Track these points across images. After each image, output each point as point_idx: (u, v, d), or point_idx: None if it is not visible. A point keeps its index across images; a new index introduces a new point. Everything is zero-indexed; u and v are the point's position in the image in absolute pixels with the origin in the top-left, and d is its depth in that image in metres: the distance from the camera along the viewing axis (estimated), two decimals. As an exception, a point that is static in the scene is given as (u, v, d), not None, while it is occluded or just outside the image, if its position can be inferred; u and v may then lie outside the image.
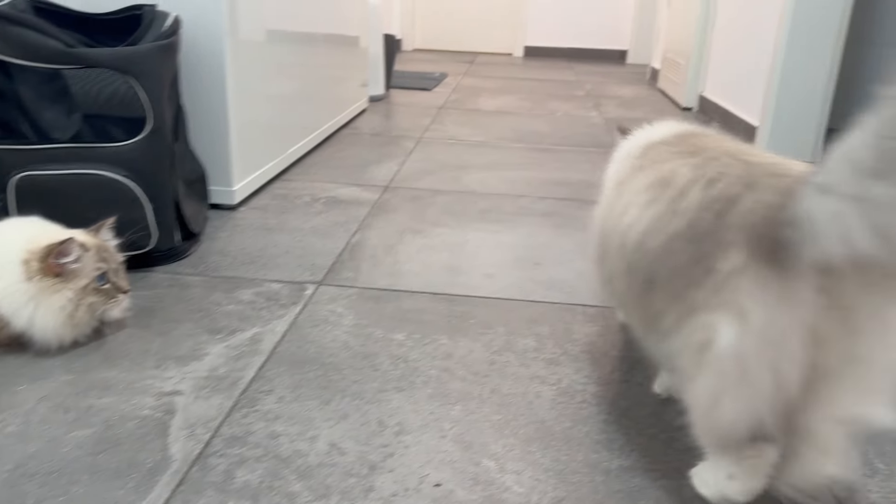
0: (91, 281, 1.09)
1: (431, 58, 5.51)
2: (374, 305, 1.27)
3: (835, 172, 0.63)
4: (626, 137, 1.03)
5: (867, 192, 0.59)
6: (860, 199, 0.59)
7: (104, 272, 1.11)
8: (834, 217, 0.61)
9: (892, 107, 0.59)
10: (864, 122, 0.62)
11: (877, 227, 0.59)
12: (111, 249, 1.16)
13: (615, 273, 0.86)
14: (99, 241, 1.15)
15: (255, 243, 1.54)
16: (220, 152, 1.69)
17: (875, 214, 0.59)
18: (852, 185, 0.60)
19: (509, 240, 1.63)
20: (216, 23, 1.58)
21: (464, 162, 2.33)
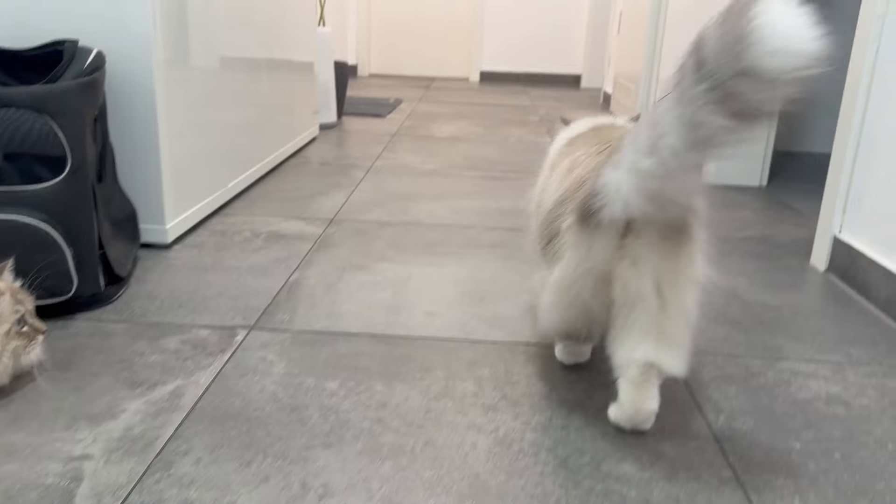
0: (12, 325, 1.04)
1: (387, 83, 5.49)
2: (308, 350, 1.21)
3: (622, 152, 0.84)
4: (566, 127, 1.25)
5: (638, 165, 0.81)
6: (634, 170, 0.82)
7: (22, 315, 1.06)
8: (617, 186, 0.84)
9: (659, 106, 0.80)
10: (644, 115, 0.85)
11: (645, 192, 0.82)
12: (23, 291, 1.11)
13: (538, 231, 1.12)
14: (10, 283, 1.08)
15: (186, 285, 1.47)
16: (151, 189, 1.62)
17: (643, 182, 0.81)
18: (630, 160, 0.82)
19: (455, 274, 1.59)
20: (144, 55, 1.53)
21: (413, 191, 2.29)
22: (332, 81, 3.40)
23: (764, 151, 2.52)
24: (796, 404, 1.11)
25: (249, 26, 2.13)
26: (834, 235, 1.69)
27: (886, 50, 1.55)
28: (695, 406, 1.09)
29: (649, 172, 0.81)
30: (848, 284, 1.62)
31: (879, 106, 1.56)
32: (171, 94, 1.63)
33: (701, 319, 1.39)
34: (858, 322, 1.43)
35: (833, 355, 1.28)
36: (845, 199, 1.68)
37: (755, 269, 1.70)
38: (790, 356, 1.27)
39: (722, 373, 1.20)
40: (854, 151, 1.64)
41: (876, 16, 1.56)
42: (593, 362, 1.21)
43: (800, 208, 2.27)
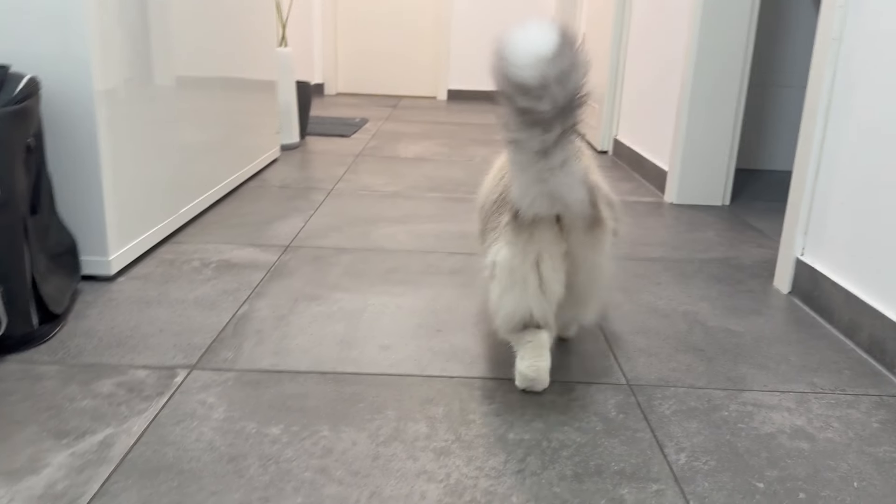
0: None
1: (354, 102, 5.44)
2: (251, 392, 1.15)
3: (512, 169, 1.05)
4: None
5: (516, 168, 1.03)
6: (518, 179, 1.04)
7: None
8: (516, 191, 1.06)
9: None
10: None
11: (537, 191, 1.03)
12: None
13: (480, 223, 1.30)
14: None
15: (128, 321, 1.40)
16: (92, 219, 1.54)
17: (530, 184, 1.02)
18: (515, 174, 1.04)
19: (412, 304, 1.54)
20: (82, 79, 1.46)
21: (374, 215, 2.24)
22: (293, 101, 3.34)
23: (726, 170, 2.52)
24: (759, 440, 1.07)
25: (204, 46, 2.07)
26: (796, 258, 1.68)
27: (843, 74, 1.54)
28: (656, 443, 1.05)
29: (521, 182, 1.04)
30: (811, 308, 1.60)
31: (838, 128, 1.55)
32: (116, 119, 1.56)
33: (663, 347, 1.36)
34: (822, 348, 1.41)
35: (797, 385, 1.25)
36: (807, 221, 1.66)
37: (718, 292, 1.68)
38: (753, 386, 1.24)
39: (684, 406, 1.16)
40: (814, 173, 1.63)
41: (831, 39, 1.55)
42: (551, 400, 1.16)
43: (763, 228, 2.26)
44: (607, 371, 1.27)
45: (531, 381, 1.17)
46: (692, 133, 2.47)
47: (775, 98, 3.17)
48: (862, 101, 1.47)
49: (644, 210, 2.44)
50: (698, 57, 2.40)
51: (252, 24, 2.57)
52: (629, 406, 1.15)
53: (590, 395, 1.18)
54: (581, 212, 1.07)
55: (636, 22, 3.16)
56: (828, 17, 1.57)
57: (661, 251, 1.98)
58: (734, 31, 2.38)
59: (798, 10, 3.06)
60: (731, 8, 2.36)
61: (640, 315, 1.53)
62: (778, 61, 3.13)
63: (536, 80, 0.92)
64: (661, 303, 1.60)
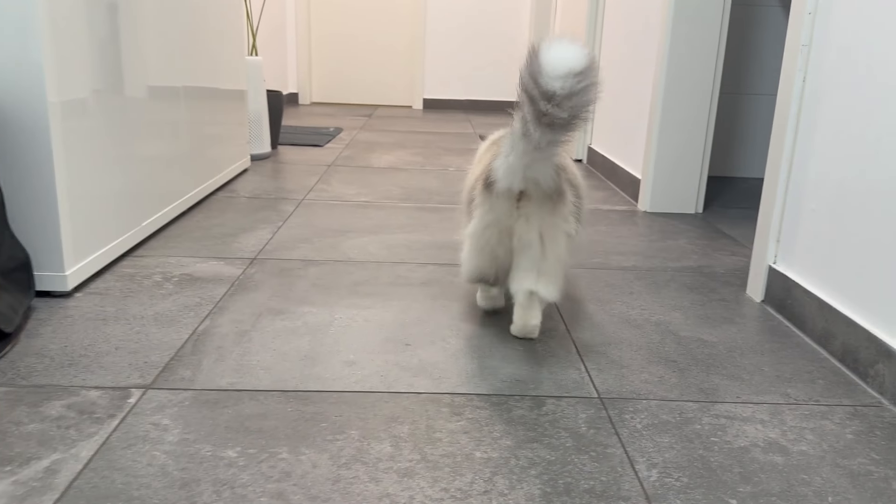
0: None
1: (329, 112, 5.40)
2: (208, 413, 1.10)
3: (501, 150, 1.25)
4: (483, 140, 1.63)
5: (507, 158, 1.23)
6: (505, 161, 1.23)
7: None
8: (498, 169, 1.25)
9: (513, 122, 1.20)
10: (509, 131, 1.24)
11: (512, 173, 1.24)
12: None
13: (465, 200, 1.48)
14: None
15: (82, 338, 1.34)
16: (47, 233, 1.49)
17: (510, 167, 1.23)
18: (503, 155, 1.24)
19: (380, 317, 1.50)
20: (34, 86, 1.41)
21: (345, 226, 2.20)
22: (264, 111, 3.29)
23: (699, 178, 2.52)
24: (732, 454, 1.05)
25: (170, 56, 2.02)
26: (769, 266, 1.66)
27: (813, 80, 1.53)
28: (627, 460, 1.02)
29: (511, 162, 1.22)
30: (784, 316, 1.59)
31: (808, 135, 1.55)
32: (73, 130, 1.51)
33: (635, 358, 1.33)
34: (795, 357, 1.39)
35: (770, 396, 1.23)
36: (779, 229, 1.65)
37: (690, 302, 1.66)
38: (726, 398, 1.22)
39: (656, 420, 1.13)
40: (786, 181, 1.62)
41: (801, 45, 1.55)
42: (520, 415, 1.13)
43: (735, 236, 2.25)
44: (578, 384, 1.24)
45: (489, 304, 1.51)
46: (664, 141, 2.47)
47: (747, 106, 3.19)
48: (832, 108, 1.46)
49: (617, 218, 2.42)
50: (669, 65, 2.40)
51: (221, 32, 2.53)
52: (600, 420, 1.12)
53: (560, 409, 1.15)
54: (548, 188, 1.28)
55: (608, 31, 3.16)
56: (797, 23, 1.56)
57: (633, 260, 1.96)
58: (705, 40, 2.38)
59: (769, 18, 3.08)
60: (701, 16, 2.36)
61: (613, 326, 1.50)
62: (749, 69, 3.14)
63: (564, 91, 1.11)
64: (634, 313, 1.58)
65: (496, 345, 1.38)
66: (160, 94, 2.00)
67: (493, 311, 1.53)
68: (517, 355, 1.34)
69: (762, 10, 3.06)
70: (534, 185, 1.26)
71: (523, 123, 1.17)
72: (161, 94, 2.00)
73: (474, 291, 1.66)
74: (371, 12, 5.78)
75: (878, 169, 1.30)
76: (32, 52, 1.39)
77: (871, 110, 1.33)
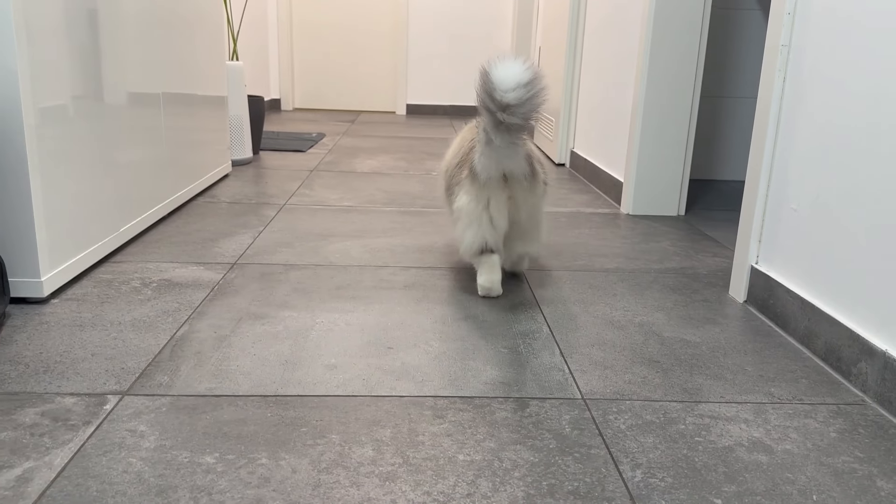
0: None
1: (312, 117, 5.38)
2: (186, 419, 1.08)
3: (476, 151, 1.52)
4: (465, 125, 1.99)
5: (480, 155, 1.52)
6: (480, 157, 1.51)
7: None
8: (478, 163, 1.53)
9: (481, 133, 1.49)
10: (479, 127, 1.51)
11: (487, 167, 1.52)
12: None
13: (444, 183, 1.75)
14: None
15: (58, 345, 1.31)
16: (22, 238, 1.46)
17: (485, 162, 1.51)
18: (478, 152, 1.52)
19: (362, 320, 1.48)
20: (9, 92, 1.38)
21: (327, 230, 2.18)
22: (245, 116, 3.27)
23: (681, 181, 2.52)
24: (717, 453, 1.04)
25: (149, 61, 2.00)
26: (751, 266, 1.67)
27: (793, 80, 1.54)
28: (611, 460, 1.01)
29: (485, 162, 1.51)
30: (766, 316, 1.59)
31: (790, 134, 1.55)
32: (48, 135, 1.48)
33: (618, 359, 1.33)
34: (779, 357, 1.39)
35: (754, 395, 1.23)
36: (760, 229, 1.66)
37: (673, 302, 1.66)
38: (710, 398, 1.21)
39: (639, 420, 1.13)
40: (767, 180, 1.63)
41: (780, 46, 1.55)
42: (503, 417, 1.12)
43: (717, 237, 2.26)
44: (562, 386, 1.23)
45: (487, 290, 1.64)
46: (646, 144, 2.47)
47: (727, 109, 3.21)
48: (812, 108, 1.47)
49: (600, 221, 2.43)
50: (650, 69, 2.40)
51: (201, 37, 2.51)
52: (584, 421, 1.11)
53: (544, 411, 1.14)
54: (521, 174, 1.55)
55: (590, 35, 3.17)
56: (776, 23, 1.57)
57: (616, 262, 1.96)
58: (685, 43, 2.39)
59: (748, 22, 3.11)
60: (681, 20, 2.37)
61: (596, 327, 1.50)
62: (729, 72, 3.17)
63: (515, 101, 1.39)
64: (617, 314, 1.58)
65: (479, 348, 1.37)
66: (139, 99, 1.97)
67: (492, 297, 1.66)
68: (500, 358, 1.33)
69: (742, 13, 3.09)
70: (510, 172, 1.54)
71: (486, 133, 1.46)
72: (140, 100, 1.98)
73: (457, 295, 1.65)
74: (354, 18, 5.77)
75: (858, 168, 1.31)
76: (6, 58, 1.36)
77: (850, 110, 1.34)
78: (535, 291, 1.70)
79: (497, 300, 1.63)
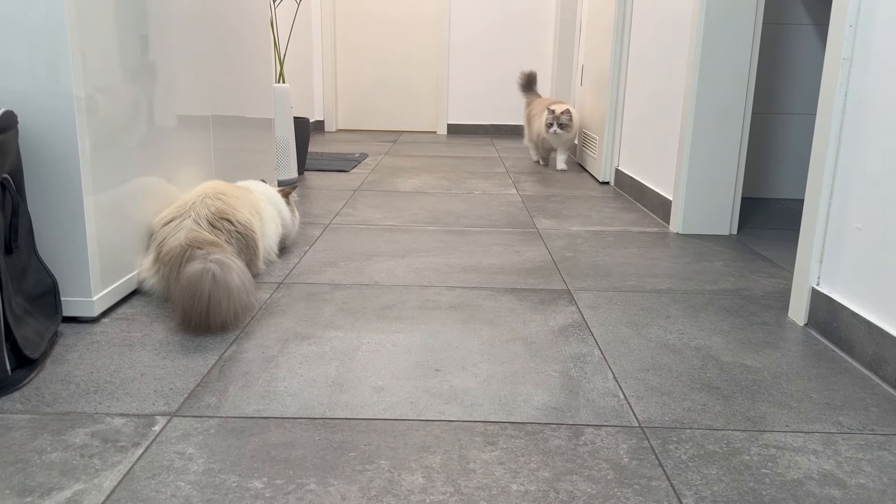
0: None
1: (354, 138, 5.43)
2: (234, 442, 1.07)
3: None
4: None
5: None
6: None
7: None
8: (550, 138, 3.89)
9: None
10: None
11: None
12: None
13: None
14: None
15: (108, 364, 1.32)
16: (75, 259, 1.48)
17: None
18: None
19: (409, 341, 1.46)
20: (64, 115, 1.41)
21: (372, 249, 2.17)
22: (291, 137, 3.31)
23: (732, 199, 2.45)
24: (786, 487, 0.98)
25: (200, 84, 2.03)
26: (812, 287, 1.60)
27: (855, 94, 1.48)
28: (673, 493, 0.96)
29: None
30: (830, 340, 1.52)
31: (851, 151, 1.49)
32: (102, 157, 1.51)
33: (676, 385, 1.28)
34: (845, 383, 1.32)
35: (822, 424, 1.17)
36: (822, 249, 1.59)
37: (731, 326, 1.60)
38: (775, 427, 1.15)
39: (702, 451, 1.07)
40: (828, 198, 1.56)
41: (842, 59, 1.50)
42: (557, 445, 1.08)
43: (772, 257, 2.19)
44: (617, 413, 1.18)
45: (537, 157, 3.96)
46: (696, 162, 2.42)
47: (779, 125, 3.13)
48: (876, 122, 1.41)
49: (649, 241, 2.37)
50: (700, 84, 2.35)
51: (250, 62, 2.54)
52: (643, 451, 1.07)
53: (600, 439, 1.10)
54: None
55: (635, 50, 3.13)
56: (837, 36, 1.51)
57: (668, 283, 1.90)
58: (735, 58, 2.34)
59: (800, 36, 3.03)
60: (731, 35, 2.32)
61: (651, 351, 1.45)
62: (781, 88, 3.09)
63: None
64: (672, 337, 1.52)
65: (529, 371, 1.34)
66: (189, 121, 2.00)
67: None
68: (551, 382, 1.29)
69: (793, 28, 3.01)
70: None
71: None
72: (190, 123, 2.01)
73: (504, 316, 1.62)
74: (395, 41, 5.82)
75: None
76: (62, 81, 1.39)
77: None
78: (584, 313, 1.66)
79: (545, 321, 1.59)
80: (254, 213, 1.89)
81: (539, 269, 2.00)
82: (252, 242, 1.77)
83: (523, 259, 2.11)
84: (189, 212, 1.69)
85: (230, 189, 1.86)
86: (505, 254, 2.16)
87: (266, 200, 2.02)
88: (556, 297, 1.76)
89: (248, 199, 1.91)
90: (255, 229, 1.81)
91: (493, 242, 2.29)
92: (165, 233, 1.65)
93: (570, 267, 2.03)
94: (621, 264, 2.07)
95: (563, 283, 1.88)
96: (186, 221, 1.66)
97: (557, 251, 2.20)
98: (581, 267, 2.03)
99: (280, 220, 2.07)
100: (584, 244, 2.30)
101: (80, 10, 1.41)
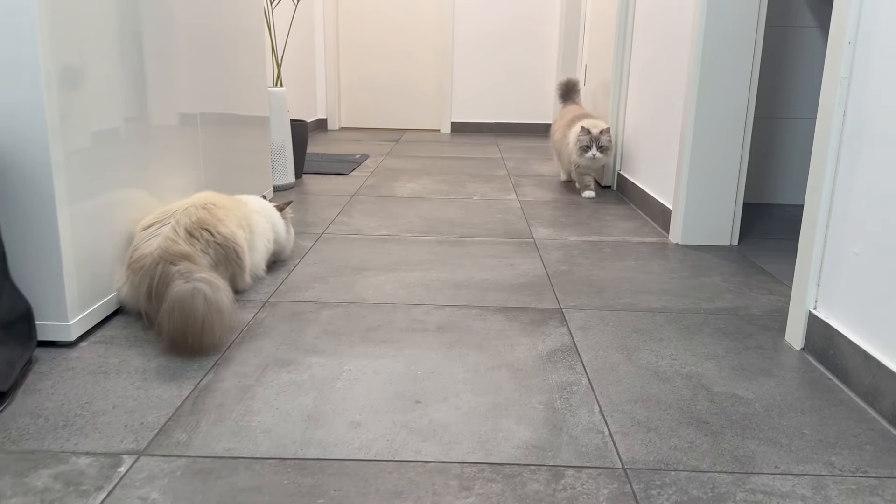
0: None
1: (357, 137, 5.38)
2: (199, 486, 1.03)
3: None
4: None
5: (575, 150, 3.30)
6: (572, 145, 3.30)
7: None
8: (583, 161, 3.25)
9: None
10: None
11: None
12: None
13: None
14: None
15: (81, 395, 1.29)
16: (50, 282, 1.45)
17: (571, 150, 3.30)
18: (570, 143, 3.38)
19: (391, 369, 1.42)
20: (36, 133, 1.37)
21: (363, 262, 2.13)
22: (288, 142, 3.27)
23: (733, 208, 2.40)
24: (771, 540, 0.94)
25: (183, 88, 1.99)
26: (808, 311, 1.55)
27: (853, 114, 1.42)
28: (652, 546, 0.92)
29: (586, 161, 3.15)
30: (826, 368, 1.47)
31: (849, 173, 1.44)
32: (77, 171, 1.47)
33: (664, 418, 1.23)
34: (840, 417, 1.27)
35: (813, 465, 1.12)
36: (819, 272, 1.54)
37: (725, 350, 1.55)
38: (763, 468, 1.11)
39: (685, 496, 1.03)
40: (825, 220, 1.51)
41: (840, 77, 1.44)
42: (535, 491, 1.04)
43: (773, 271, 2.13)
44: (601, 451, 1.14)
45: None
46: (696, 170, 2.36)
47: (782, 130, 3.06)
48: (875, 144, 1.35)
49: (647, 252, 2.32)
50: (700, 88, 2.29)
51: (243, 66, 2.50)
52: (623, 497, 1.03)
53: (580, 483, 1.06)
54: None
55: (637, 54, 3.07)
56: (835, 54, 1.46)
57: (664, 300, 1.86)
58: (738, 62, 2.27)
59: (805, 40, 2.96)
60: (733, 37, 2.26)
61: (640, 379, 1.40)
62: (784, 92, 3.02)
63: None
64: (664, 363, 1.48)
65: (513, 403, 1.30)
66: (171, 131, 1.96)
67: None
68: (535, 415, 1.25)
69: (798, 31, 2.94)
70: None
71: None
72: (172, 131, 1.97)
73: (492, 339, 1.58)
74: (399, 38, 5.77)
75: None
76: (33, 98, 1.36)
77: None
78: (574, 335, 1.61)
79: (534, 345, 1.55)
80: (243, 226, 1.85)
81: (532, 285, 1.96)
82: (233, 255, 1.73)
83: (516, 273, 2.06)
84: (170, 219, 1.66)
85: (221, 200, 1.83)
86: (498, 267, 2.12)
87: (259, 213, 1.99)
88: (547, 318, 1.72)
89: (239, 210, 1.88)
90: (241, 242, 1.78)
91: (487, 254, 2.25)
92: (141, 237, 1.62)
93: (563, 282, 1.99)
94: (617, 279, 2.03)
95: (556, 301, 1.83)
96: (164, 228, 1.63)
97: (552, 264, 2.16)
98: (575, 282, 1.99)
99: (273, 235, 2.03)
100: (580, 256, 2.25)
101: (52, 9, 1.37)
